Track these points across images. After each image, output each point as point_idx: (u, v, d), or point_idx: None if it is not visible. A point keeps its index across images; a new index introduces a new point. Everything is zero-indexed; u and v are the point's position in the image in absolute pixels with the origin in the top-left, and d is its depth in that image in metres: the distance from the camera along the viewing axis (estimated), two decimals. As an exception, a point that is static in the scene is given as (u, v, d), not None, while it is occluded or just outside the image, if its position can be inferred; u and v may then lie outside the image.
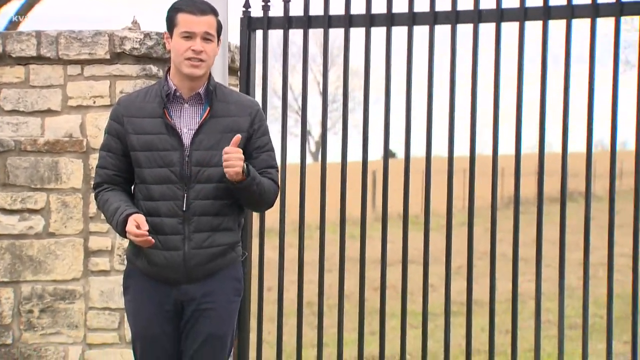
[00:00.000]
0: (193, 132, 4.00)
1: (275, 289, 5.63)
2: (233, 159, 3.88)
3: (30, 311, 5.05)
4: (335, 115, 34.63)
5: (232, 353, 5.04)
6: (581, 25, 5.21)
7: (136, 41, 5.14)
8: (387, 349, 5.58)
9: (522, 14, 5.23)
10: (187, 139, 3.98)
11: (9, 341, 5.05)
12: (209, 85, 4.07)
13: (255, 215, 5.51)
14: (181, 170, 3.96)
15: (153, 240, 3.88)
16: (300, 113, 5.85)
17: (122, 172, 4.11)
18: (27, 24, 12.23)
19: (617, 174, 5.24)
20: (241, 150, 3.94)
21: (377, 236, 5.68)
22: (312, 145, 43.83)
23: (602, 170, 6.93)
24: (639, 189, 5.04)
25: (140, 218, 3.88)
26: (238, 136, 3.93)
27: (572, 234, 5.23)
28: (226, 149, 3.91)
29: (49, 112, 5.21)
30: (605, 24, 5.27)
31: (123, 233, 3.93)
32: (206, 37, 4.01)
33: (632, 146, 5.12)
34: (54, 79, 5.21)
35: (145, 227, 3.85)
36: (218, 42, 4.13)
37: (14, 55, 5.16)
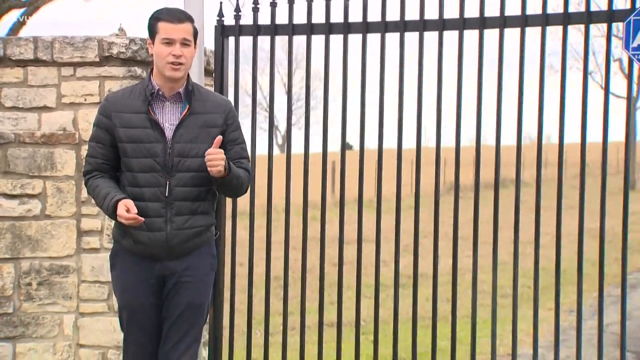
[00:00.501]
0: (174, 126, 4.05)
1: (246, 264, 5.63)
2: (216, 159, 3.94)
3: (29, 284, 5.01)
4: (299, 112, 34.31)
5: (207, 320, 5.11)
6: (511, 34, 5.21)
7: (122, 46, 5.10)
8: (344, 316, 5.59)
9: (461, 23, 5.20)
10: (169, 133, 4.04)
11: (10, 310, 4.99)
12: (187, 85, 4.12)
13: (229, 200, 5.50)
14: (164, 160, 4.01)
15: (143, 219, 3.91)
16: (268, 110, 5.91)
17: (110, 160, 4.14)
18: (25, 29, 12.09)
19: (543, 164, 5.35)
20: (222, 151, 3.98)
21: (335, 218, 5.67)
22: (279, 139, 43.41)
23: (530, 161, 6.99)
24: (562, 176, 5.10)
25: (129, 203, 3.94)
26: (219, 138, 3.99)
27: (504, 216, 5.23)
28: (209, 150, 3.96)
29: (45, 108, 5.16)
30: (534, 33, 5.25)
31: (113, 216, 3.99)
32: (184, 43, 4.05)
33: (555, 139, 5.22)
34: (50, 79, 5.16)
35: (134, 210, 3.92)
36: (195, 46, 4.15)
37: (13, 58, 5.11)
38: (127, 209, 3.91)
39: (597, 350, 5.22)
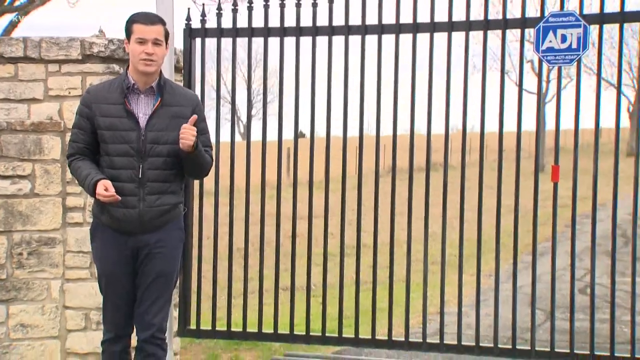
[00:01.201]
0: (147, 116, 4.05)
1: (212, 237, 5.62)
2: (189, 134, 3.94)
3: (20, 254, 4.98)
4: (258, 105, 33.89)
5: (177, 285, 5.12)
6: (440, 38, 5.22)
7: (102, 46, 5.07)
8: (296, 281, 5.62)
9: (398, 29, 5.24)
10: (142, 122, 4.04)
11: (4, 277, 4.97)
12: (160, 80, 4.11)
13: (196, 181, 5.49)
14: (138, 146, 4.01)
15: (120, 198, 3.91)
16: (231, 103, 5.93)
17: (90, 145, 4.11)
18: (16, 31, 11.88)
19: (467, 150, 5.41)
20: (195, 129, 3.97)
21: (289, 197, 5.67)
22: (240, 128, 42.90)
23: (456, 147, 7.04)
24: (483, 161, 5.17)
25: (108, 183, 3.93)
26: (195, 117, 3.98)
27: (433, 195, 5.29)
28: (185, 125, 3.94)
29: (34, 100, 5.11)
30: (460, 37, 5.25)
31: (93, 194, 3.97)
32: (156, 42, 4.04)
33: (477, 129, 5.23)
34: (38, 75, 5.11)
35: (112, 190, 3.90)
36: (167, 45, 4.13)
37: (5, 56, 5.06)
38: (105, 188, 3.91)
39: (511, 308, 5.31)
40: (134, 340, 4.26)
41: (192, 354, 6.02)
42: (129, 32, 4.07)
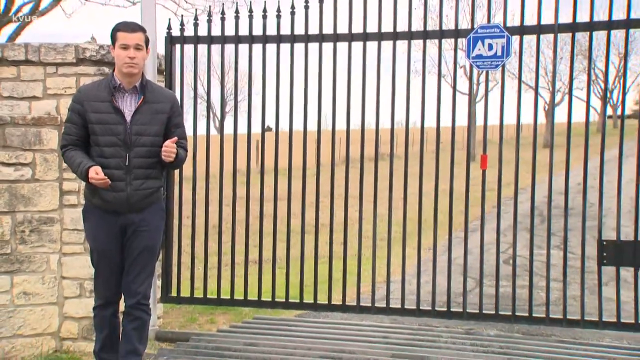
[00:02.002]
0: (132, 112, 4.05)
1: (190, 217, 5.61)
2: (170, 152, 3.99)
3: (23, 231, 4.94)
4: (231, 103, 33.58)
5: (160, 258, 5.18)
6: (387, 46, 5.22)
7: (94, 50, 5.03)
8: (264, 255, 5.69)
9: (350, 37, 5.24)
10: (128, 117, 4.03)
11: (9, 251, 4.92)
12: (142, 81, 4.09)
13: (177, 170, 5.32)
14: (124, 138, 4.02)
15: (110, 181, 3.89)
16: (206, 101, 5.84)
17: (81, 138, 4.07)
18: (19, 38, 11.66)
19: (410, 142, 5.40)
20: (175, 146, 3.99)
21: (257, 183, 5.66)
22: (216, 123, 42.41)
23: (400, 140, 7.04)
24: (423, 151, 5.14)
25: (98, 169, 3.91)
26: (175, 138, 3.99)
27: (381, 181, 5.35)
28: (167, 143, 3.98)
29: (34, 98, 5.07)
30: (403, 45, 5.31)
31: (86, 179, 3.96)
32: (137, 47, 4.01)
33: (418, 124, 5.19)
34: (37, 76, 5.07)
35: (102, 174, 3.88)
36: (147, 50, 4.09)
37: (9, 59, 5.04)
38: (96, 172, 3.89)
39: (447, 277, 5.39)
40: (122, 306, 4.24)
41: (173, 318, 5.99)
42: (113, 39, 4.05)
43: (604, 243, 5.05)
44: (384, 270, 5.82)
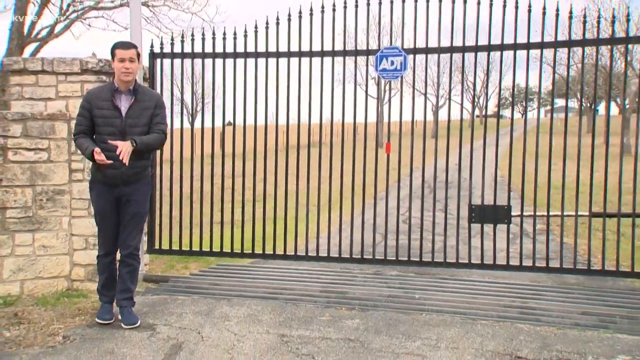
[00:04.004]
0: (126, 109, 4.09)
1: (169, 189, 5.70)
2: (124, 155, 3.91)
3: (41, 200, 4.93)
4: (200, 104, 32.59)
5: (147, 220, 5.28)
6: (316, 61, 5.34)
7: (94, 63, 5.04)
8: (225, 217, 5.66)
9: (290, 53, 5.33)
10: (123, 112, 4.08)
11: (31, 214, 4.89)
12: (135, 85, 4.14)
13: (158, 152, 5.41)
14: (120, 128, 4.06)
15: (110, 161, 3.97)
16: (181, 103, 5.84)
17: (89, 127, 4.09)
18: (38, 54, 11.61)
19: (334, 133, 5.37)
20: (125, 149, 3.87)
21: (220, 163, 5.67)
22: (189, 118, 40.95)
23: (326, 131, 7.21)
24: (343, 140, 4.99)
25: (99, 150, 3.95)
26: (120, 145, 3.90)
27: (313, 162, 5.44)
28: (118, 150, 3.86)
29: (49, 99, 5.09)
30: (328, 61, 5.63)
31: (91, 158, 3.98)
32: (131, 60, 4.07)
33: (340, 120, 5.74)
34: (51, 82, 5.09)
35: (102, 156, 3.93)
36: (139, 62, 4.20)
37: (29, 70, 5.07)
38: (98, 153, 3.94)
39: (361, 233, 5.59)
40: (118, 256, 4.28)
41: (156, 265, 6.04)
42: (113, 54, 4.10)
43: (473, 207, 5.28)
44: (315, 229, 6.03)
